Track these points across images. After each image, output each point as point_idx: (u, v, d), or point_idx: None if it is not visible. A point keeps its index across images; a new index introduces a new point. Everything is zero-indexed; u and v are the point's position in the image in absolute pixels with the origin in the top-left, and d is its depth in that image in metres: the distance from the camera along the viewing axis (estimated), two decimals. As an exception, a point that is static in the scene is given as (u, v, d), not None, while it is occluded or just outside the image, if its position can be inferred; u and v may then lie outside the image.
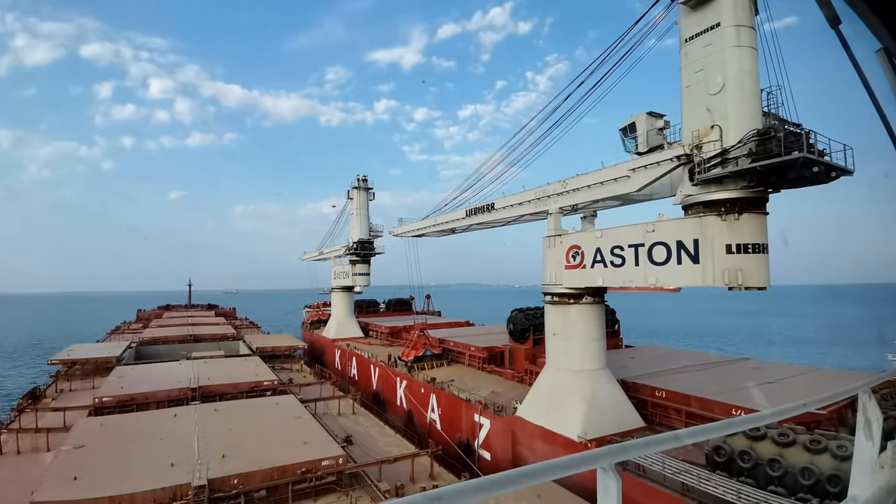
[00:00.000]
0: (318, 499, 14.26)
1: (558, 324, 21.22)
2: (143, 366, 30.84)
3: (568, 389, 20.33)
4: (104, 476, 13.27)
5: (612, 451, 2.17)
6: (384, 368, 35.15)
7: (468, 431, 24.74)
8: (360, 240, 49.46)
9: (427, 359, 33.14)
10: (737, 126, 14.93)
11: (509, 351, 29.71)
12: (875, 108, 2.43)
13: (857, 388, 3.67)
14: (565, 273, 20.70)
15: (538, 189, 22.49)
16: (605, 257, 19.10)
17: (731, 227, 15.16)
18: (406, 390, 31.50)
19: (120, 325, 64.13)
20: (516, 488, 1.89)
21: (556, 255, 21.23)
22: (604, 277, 19.18)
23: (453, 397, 26.36)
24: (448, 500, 1.65)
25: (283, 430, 17.48)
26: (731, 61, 15.14)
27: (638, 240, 17.70)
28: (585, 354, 20.51)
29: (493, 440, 22.97)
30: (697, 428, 2.60)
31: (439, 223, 30.41)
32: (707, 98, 15.64)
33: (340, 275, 52.26)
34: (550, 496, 13.95)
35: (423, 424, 28.88)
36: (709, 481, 13.42)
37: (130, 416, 19.60)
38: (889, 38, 2.24)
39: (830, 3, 2.27)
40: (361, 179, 51.03)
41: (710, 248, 15.50)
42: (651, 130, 18.03)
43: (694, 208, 16.25)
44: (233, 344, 41.55)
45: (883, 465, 3.54)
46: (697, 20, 15.95)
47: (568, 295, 20.80)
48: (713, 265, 15.39)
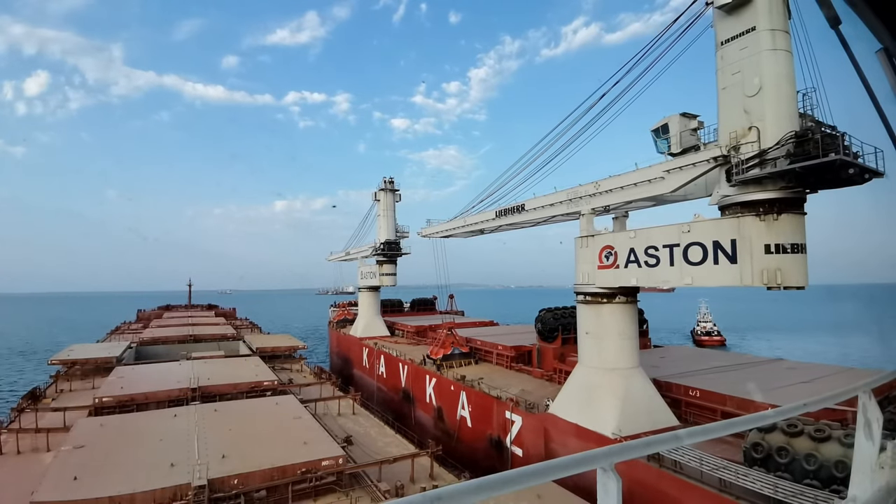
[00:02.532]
0: (318, 499, 14.26)
1: (591, 323, 21.32)
2: (143, 366, 30.83)
3: (601, 387, 20.43)
4: (104, 476, 13.28)
5: (612, 452, 2.17)
6: (414, 366, 35.49)
7: (499, 428, 24.92)
8: (387, 241, 50.27)
9: (455, 357, 33.52)
10: (774, 127, 15.09)
11: (538, 350, 29.89)
12: (875, 108, 2.43)
13: (857, 388, 3.67)
14: (598, 273, 20.85)
15: (570, 190, 22.59)
16: (640, 257, 19.14)
17: (769, 227, 15.23)
18: (435, 388, 31.87)
19: (120, 326, 64.10)
20: (516, 488, 1.89)
21: (588, 255, 21.39)
22: (638, 277, 19.23)
23: (484, 395, 26.52)
24: (448, 500, 1.65)
25: (283, 431, 17.48)
26: (768, 64, 15.33)
27: (673, 240, 17.78)
28: (618, 353, 20.55)
29: (525, 437, 23.16)
30: (698, 428, 2.59)
31: (468, 224, 30.52)
32: (744, 100, 15.79)
33: (367, 275, 52.91)
34: (550, 496, 13.95)
35: (453, 421, 29.23)
36: (746, 476, 13.75)
37: (130, 417, 19.59)
38: (889, 38, 2.24)
39: (830, 3, 2.27)
40: (388, 182, 51.45)
41: (749, 249, 15.55)
42: (685, 131, 18.29)
43: (731, 209, 16.31)
44: (233, 344, 41.56)
45: (883, 465, 3.54)
46: (733, 24, 16.19)
47: (601, 294, 20.93)
48: (751, 265, 15.43)
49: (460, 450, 28.07)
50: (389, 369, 40.19)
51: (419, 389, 34.09)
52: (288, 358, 37.21)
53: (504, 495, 1.92)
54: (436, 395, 31.80)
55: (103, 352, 33.89)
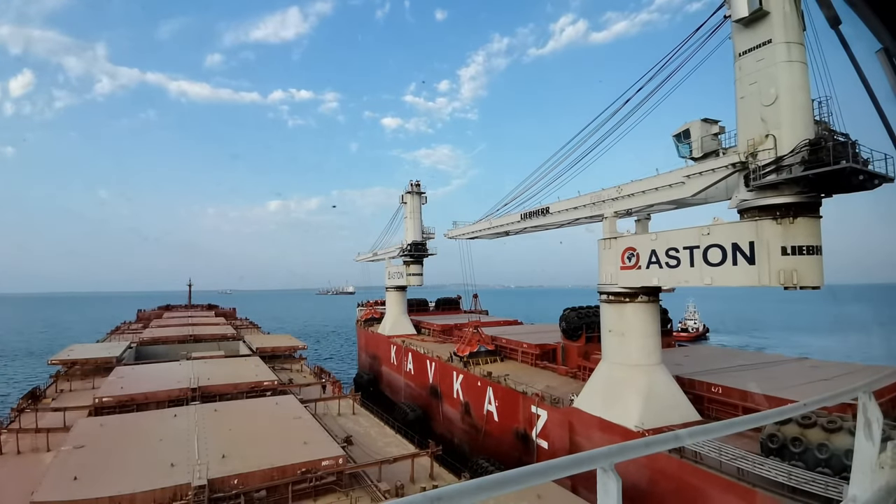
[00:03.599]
0: (318, 499, 14.26)
1: (614, 321, 22.06)
2: (143, 366, 30.82)
3: (625, 383, 21.13)
4: (104, 476, 13.28)
5: (612, 452, 2.17)
6: (441, 363, 36.57)
7: (525, 422, 25.83)
8: (414, 242, 51.72)
9: (481, 355, 34.44)
10: (790, 135, 15.76)
11: (562, 348, 30.69)
12: (875, 108, 2.43)
13: (857, 388, 3.67)
14: (621, 273, 21.61)
15: (593, 194, 23.42)
16: (661, 259, 19.88)
17: (786, 230, 15.97)
18: (462, 384, 32.87)
19: (120, 325, 64.09)
20: (516, 488, 1.89)
21: (611, 256, 22.15)
22: (659, 277, 19.98)
23: (510, 390, 27.34)
24: (448, 500, 1.65)
25: (283, 431, 17.48)
26: (783, 75, 16.04)
27: (693, 242, 18.48)
28: (641, 350, 21.25)
29: (551, 430, 24.06)
30: (698, 428, 2.60)
31: (494, 226, 31.50)
32: (761, 109, 16.48)
33: (395, 275, 54.32)
34: (550, 496, 13.95)
35: (480, 416, 30.28)
36: (763, 465, 14.69)
37: (130, 417, 19.59)
38: (889, 38, 2.24)
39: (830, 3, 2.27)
40: (414, 185, 52.90)
41: (766, 250, 16.26)
42: (706, 136, 19.06)
43: (749, 212, 17.00)
44: (233, 344, 41.55)
45: (883, 465, 3.55)
46: (750, 36, 16.89)
47: (623, 294, 21.67)
48: (769, 266, 16.14)
49: (487, 443, 29.23)
50: (417, 366, 41.32)
51: (447, 385, 35.17)
52: (288, 358, 37.20)
53: (504, 495, 1.92)
54: (463, 390, 32.88)
55: (103, 352, 33.89)
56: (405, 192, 53.35)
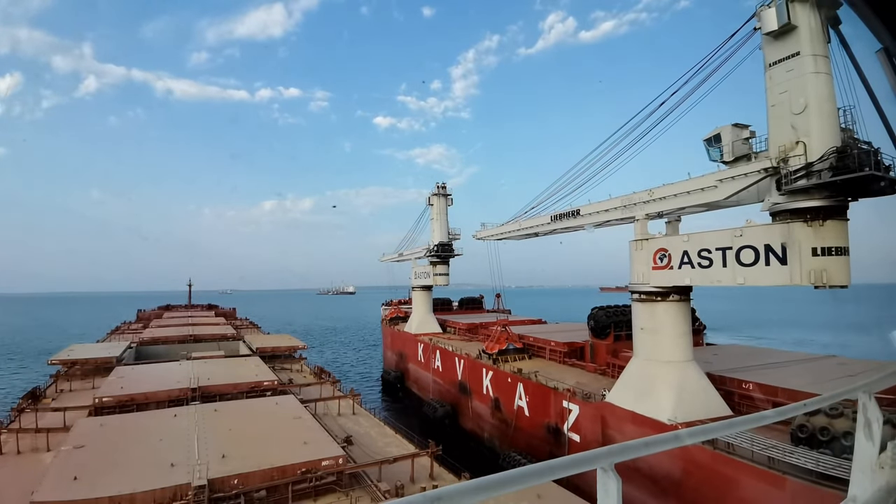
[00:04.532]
0: (318, 499, 14.26)
1: (646, 319, 22.76)
2: (143, 366, 30.81)
3: (657, 378, 21.82)
4: (104, 476, 13.27)
5: (613, 451, 2.18)
6: (470, 360, 37.28)
7: (557, 417, 26.60)
8: (441, 242, 52.80)
9: (510, 352, 35.10)
10: (819, 143, 16.63)
11: (591, 346, 31.54)
12: (875, 108, 2.44)
13: (857, 388, 3.67)
14: (653, 273, 22.35)
15: (624, 197, 24.13)
16: (693, 259, 20.61)
17: (816, 232, 16.81)
18: (492, 380, 33.63)
19: (120, 326, 64.08)
20: (516, 488, 1.89)
21: (642, 257, 22.86)
22: (691, 277, 20.75)
23: (541, 386, 28.08)
24: (448, 500, 1.65)
25: (283, 431, 17.48)
26: (811, 86, 16.92)
27: (726, 243, 19.24)
28: (673, 347, 21.94)
29: (583, 424, 24.77)
30: (698, 428, 2.60)
31: (524, 227, 32.15)
32: (791, 117, 17.38)
33: (421, 275, 55.52)
34: (550, 496, 13.94)
35: (511, 411, 31.01)
36: (792, 454, 15.62)
37: (130, 417, 19.58)
38: (889, 38, 2.24)
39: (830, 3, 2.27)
40: (440, 187, 54.05)
41: (798, 251, 17.09)
42: (737, 140, 19.59)
43: (781, 215, 17.85)
44: (233, 344, 41.55)
45: (883, 465, 3.55)
46: (779, 48, 17.74)
47: (655, 293, 22.38)
48: (800, 266, 17.00)
49: (518, 437, 30.08)
50: (445, 363, 42.23)
51: (476, 382, 35.99)
52: (288, 358, 37.21)
53: (504, 495, 1.92)
54: (493, 386, 33.61)
55: (103, 352, 33.88)
56: (431, 194, 54.18)
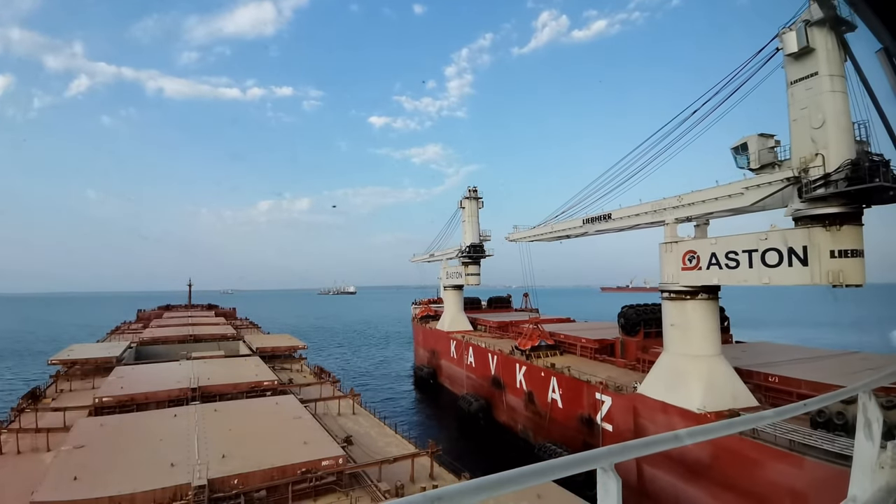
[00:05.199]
0: (318, 499, 14.26)
1: (676, 316, 24.15)
2: (143, 366, 30.81)
3: (686, 371, 23.12)
4: (104, 476, 13.27)
5: (613, 452, 2.18)
6: (503, 356, 38.64)
7: (589, 408, 28.05)
8: (472, 244, 54.58)
9: (542, 349, 36.82)
10: (836, 155, 18.06)
11: (621, 342, 33.01)
12: (875, 108, 2.44)
13: (857, 388, 3.67)
14: (682, 274, 23.75)
15: (654, 202, 25.54)
16: (720, 260, 21.90)
17: (834, 236, 18.28)
18: (525, 375, 35.15)
19: (120, 325, 64.08)
20: (516, 488, 1.89)
21: (672, 258, 24.25)
22: (719, 277, 22.07)
23: (574, 379, 29.61)
24: (448, 500, 1.65)
25: (283, 431, 17.48)
26: (829, 104, 18.35)
27: (752, 246, 20.65)
28: (702, 342, 23.29)
29: (615, 414, 26.24)
30: (698, 428, 2.60)
31: (556, 230, 33.75)
32: (811, 131, 18.83)
33: (453, 275, 57.44)
34: (550, 496, 13.94)
35: (544, 404, 32.55)
36: (811, 437, 17.20)
37: (130, 416, 19.58)
38: (889, 38, 2.24)
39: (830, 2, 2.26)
40: (472, 191, 56.04)
41: (818, 254, 18.58)
42: (762, 149, 21.02)
43: (803, 220, 19.25)
44: (233, 344, 41.54)
45: (883, 465, 3.55)
46: (800, 68, 19.24)
47: (684, 292, 23.77)
48: (820, 267, 18.45)
49: (552, 428, 31.60)
50: (478, 359, 43.84)
51: (509, 376, 37.35)
52: (288, 358, 37.21)
53: (504, 495, 1.92)
54: (526, 381, 35.07)
55: (103, 352, 33.89)
56: (463, 197, 56.19)
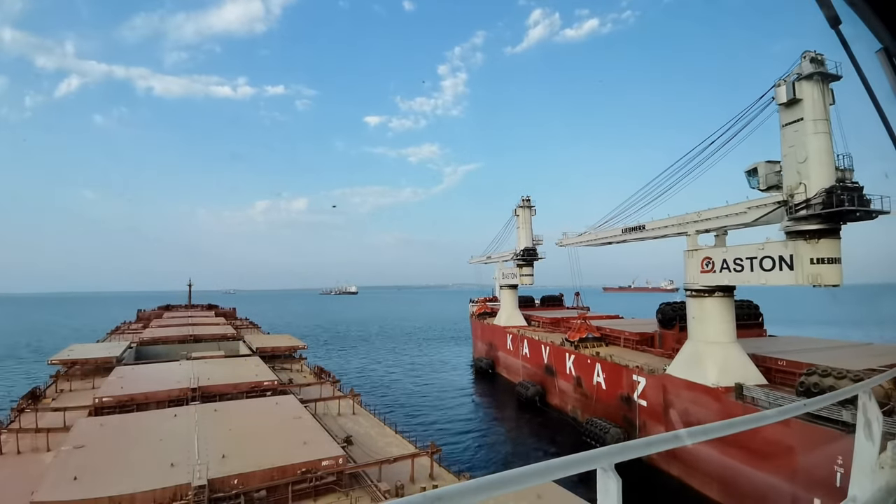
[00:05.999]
0: (318, 499, 14.27)
1: (696, 310, 28.82)
2: (143, 366, 30.85)
3: (705, 355, 27.55)
4: (104, 476, 13.28)
5: (612, 452, 2.18)
6: (555, 347, 44.03)
7: (628, 388, 33.00)
8: (526, 248, 60.26)
9: (589, 341, 41.35)
10: (815, 184, 22.40)
11: (659, 335, 37.78)
12: (875, 108, 2.43)
13: (857, 388, 3.68)
14: (701, 276, 28.36)
15: (679, 217, 30.32)
16: (730, 265, 26.59)
17: (813, 247, 22.74)
18: (574, 362, 40.33)
19: (120, 325, 64.11)
20: (516, 488, 1.89)
21: (693, 263, 28.86)
22: (729, 279, 26.81)
23: (616, 365, 34.58)
24: (448, 500, 1.65)
25: (283, 431, 17.49)
26: (811, 144, 22.75)
27: (752, 254, 25.42)
28: (718, 331, 27.65)
29: (648, 392, 31.06)
30: (698, 428, 2.61)
31: (599, 237, 38.73)
32: (797, 164, 23.31)
33: (508, 275, 62.65)
34: (550, 496, 13.94)
35: (590, 387, 37.58)
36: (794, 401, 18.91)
37: (130, 417, 19.59)
38: (889, 38, 2.24)
39: (830, 3, 2.26)
40: (525, 200, 61.94)
41: (801, 261, 22.98)
42: (769, 173, 25.16)
43: (791, 234, 23.60)
44: (233, 344, 41.57)
45: (883, 465, 3.55)
46: (789, 114, 23.66)
47: (703, 291, 28.28)
48: (803, 271, 22.91)
49: (597, 407, 36.53)
50: (532, 350, 49.10)
51: (560, 364, 42.71)
52: (288, 358, 37.25)
53: (504, 495, 1.92)
54: (575, 367, 40.20)
55: (103, 352, 33.91)
56: (518, 206, 61.82)
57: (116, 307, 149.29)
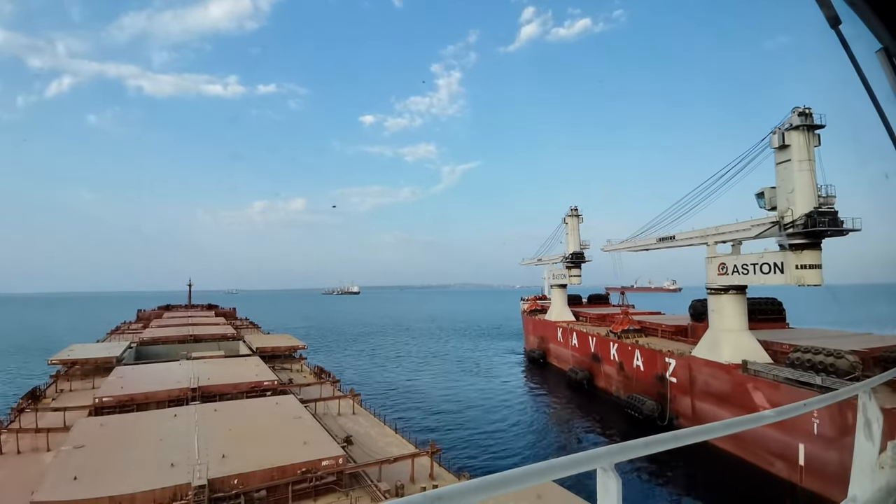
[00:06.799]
0: (318, 499, 14.28)
1: (714, 304, 35.89)
2: (143, 366, 30.86)
3: (721, 339, 34.37)
4: (104, 476, 13.28)
5: (612, 452, 2.18)
6: (600, 337, 51.57)
7: (661, 368, 39.88)
8: (574, 252, 67.69)
9: (630, 332, 48.54)
10: (800, 209, 29.20)
11: (691, 327, 44.75)
12: (875, 108, 2.43)
13: (857, 388, 3.67)
14: (717, 277, 35.41)
15: (700, 230, 37.79)
16: (739, 270, 33.86)
17: (798, 256, 29.71)
18: (618, 350, 47.56)
19: (120, 325, 64.11)
20: (516, 488, 1.89)
21: (712, 267, 36.05)
22: (738, 280, 34.03)
23: (652, 350, 41.97)
24: (448, 500, 1.65)
25: (283, 431, 17.49)
26: (797, 179, 29.65)
27: (755, 261, 32.71)
28: (731, 321, 34.53)
29: (678, 370, 37.84)
30: (698, 428, 2.61)
31: (638, 245, 46.84)
32: (786, 193, 30.22)
33: (558, 276, 70.40)
34: (550, 496, 13.94)
35: (631, 369, 44.47)
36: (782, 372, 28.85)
37: (130, 417, 19.60)
38: (889, 38, 2.24)
39: (830, 3, 2.26)
40: (573, 209, 69.00)
41: (789, 266, 30.08)
42: (772, 196, 31.66)
43: (783, 247, 30.53)
44: (233, 344, 41.59)
45: (883, 465, 3.55)
46: (781, 155, 30.70)
47: (720, 289, 35.30)
48: (791, 274, 29.99)
49: (636, 385, 43.25)
50: (580, 341, 56.83)
51: (605, 352, 49.96)
52: (288, 358, 37.27)
53: (504, 495, 1.92)
54: (618, 354, 47.32)
55: (103, 352, 33.92)
56: (567, 215, 69.22)
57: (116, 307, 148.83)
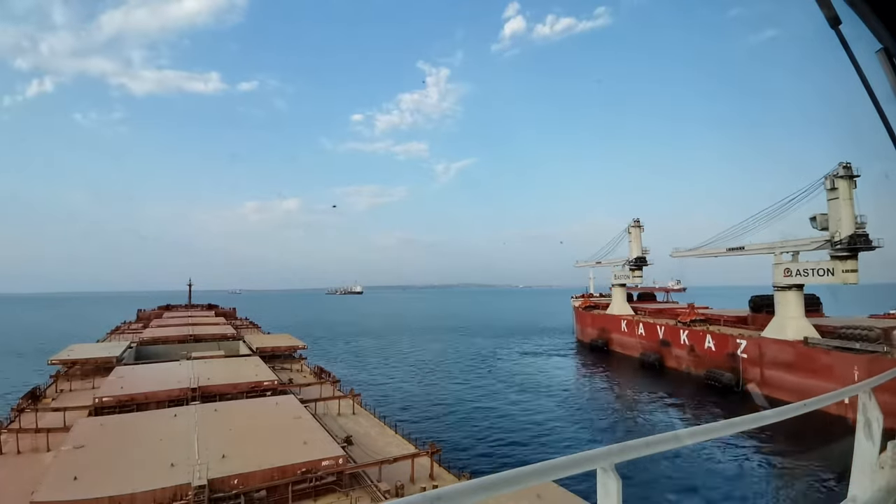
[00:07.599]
0: (318, 499, 14.27)
1: (780, 298, 46.16)
2: (143, 366, 30.84)
3: (785, 324, 44.64)
4: (104, 476, 13.28)
5: (612, 452, 2.18)
6: (669, 326, 60.72)
7: (733, 348, 48.60)
8: (638, 256, 76.69)
9: (696, 322, 57.95)
10: (845, 232, 40.00)
11: (751, 317, 54.30)
12: (875, 108, 2.43)
13: (857, 388, 3.68)
14: (783, 278, 45.72)
15: (767, 243, 48.27)
16: (801, 272, 44.09)
17: (842, 263, 40.76)
18: (688, 335, 56.53)
19: (120, 325, 64.08)
20: (516, 488, 1.89)
21: (779, 271, 46.34)
22: (798, 280, 44.42)
23: (723, 334, 51.27)
24: (448, 500, 1.65)
25: (283, 431, 17.49)
26: (843, 211, 40.57)
27: (811, 267, 43.25)
28: (793, 310, 44.93)
29: (749, 349, 46.71)
30: (698, 428, 2.61)
31: (706, 252, 56.94)
32: (835, 220, 40.99)
33: (620, 276, 79.60)
34: (550, 496, 13.94)
35: (702, 350, 53.27)
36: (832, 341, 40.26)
37: (130, 417, 19.59)
38: (889, 38, 2.24)
39: (830, 3, 2.27)
40: (636, 221, 78.14)
41: (837, 270, 41.00)
42: (823, 220, 41.94)
43: (833, 257, 41.30)
44: (233, 344, 41.57)
45: (883, 465, 3.55)
46: (831, 194, 41.50)
47: (784, 287, 45.78)
48: (838, 276, 40.85)
49: (708, 363, 51.50)
50: (647, 331, 65.79)
51: (675, 338, 59.02)
52: (288, 358, 37.26)
53: (504, 495, 1.92)
54: (689, 339, 56.25)
55: (103, 352, 33.90)
56: (630, 225, 78.30)
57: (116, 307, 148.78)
